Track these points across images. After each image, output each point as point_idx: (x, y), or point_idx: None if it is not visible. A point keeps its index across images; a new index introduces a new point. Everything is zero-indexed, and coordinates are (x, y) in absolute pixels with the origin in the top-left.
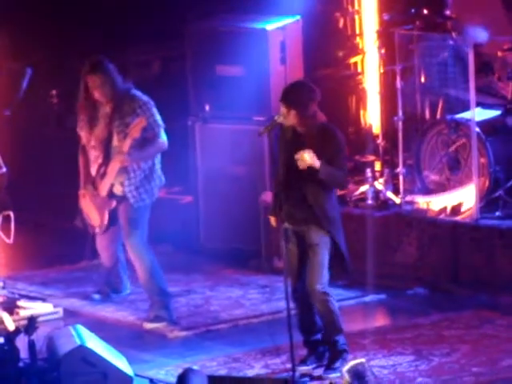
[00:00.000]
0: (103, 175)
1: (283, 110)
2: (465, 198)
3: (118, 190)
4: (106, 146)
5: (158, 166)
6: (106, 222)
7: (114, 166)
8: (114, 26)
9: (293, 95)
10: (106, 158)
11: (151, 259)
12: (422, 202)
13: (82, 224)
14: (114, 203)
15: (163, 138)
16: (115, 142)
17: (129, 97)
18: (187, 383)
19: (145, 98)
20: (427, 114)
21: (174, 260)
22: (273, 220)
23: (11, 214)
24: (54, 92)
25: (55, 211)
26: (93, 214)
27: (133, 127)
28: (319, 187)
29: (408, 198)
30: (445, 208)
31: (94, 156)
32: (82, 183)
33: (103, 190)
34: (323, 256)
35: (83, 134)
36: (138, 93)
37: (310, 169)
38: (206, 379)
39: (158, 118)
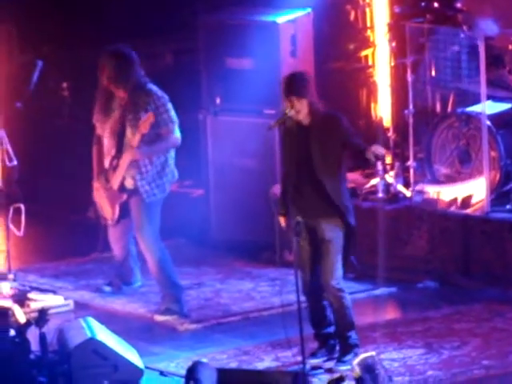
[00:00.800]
0: (115, 168)
1: (294, 100)
2: (475, 190)
3: (129, 183)
4: (119, 139)
5: (171, 161)
6: (116, 214)
7: (125, 160)
8: (125, 17)
9: (297, 84)
10: (119, 151)
11: (162, 252)
12: (432, 191)
13: (95, 215)
14: (124, 196)
15: (177, 133)
16: (128, 135)
17: (144, 91)
18: (196, 376)
19: (160, 93)
20: (438, 108)
21: (185, 253)
22: (283, 220)
23: (22, 206)
24: (64, 84)
25: (66, 203)
26: (105, 206)
27: (142, 123)
28: (335, 180)
29: (418, 188)
30: (455, 199)
31: (107, 148)
32: (95, 175)
33: (115, 183)
34: (337, 251)
35: (98, 124)
36: (155, 87)
37: (325, 162)
38: (215, 372)
39: (173, 113)
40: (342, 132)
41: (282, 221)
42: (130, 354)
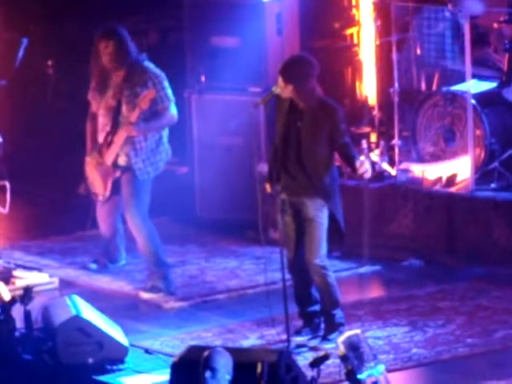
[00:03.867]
0: (110, 144)
1: (281, 82)
2: (460, 169)
3: (122, 160)
4: (115, 115)
5: (165, 139)
6: (108, 190)
7: (121, 136)
8: None
9: (292, 70)
10: (114, 127)
11: (150, 230)
12: (417, 170)
13: (86, 191)
14: (118, 173)
15: (173, 111)
16: (124, 111)
17: (141, 68)
18: (212, 365)
19: (157, 70)
20: (423, 86)
21: (170, 231)
22: (268, 187)
23: (7, 184)
24: (49, 62)
25: (51, 181)
26: (97, 181)
27: (142, 98)
28: (319, 159)
29: (402, 166)
30: (440, 178)
31: (102, 124)
32: (88, 150)
33: (108, 158)
34: (320, 229)
35: (93, 101)
36: (151, 65)
37: (310, 141)
38: (231, 360)
39: (169, 91)
40: (333, 122)
41: (268, 187)
42: (115, 332)
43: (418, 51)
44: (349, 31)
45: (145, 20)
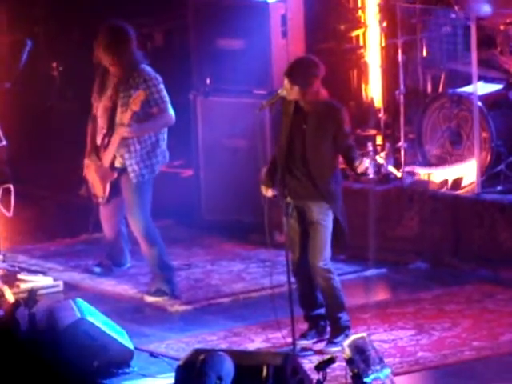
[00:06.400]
0: (107, 146)
1: (286, 84)
2: (466, 172)
3: (119, 162)
4: (111, 117)
5: (162, 143)
6: (107, 192)
7: (116, 138)
8: None
9: (297, 71)
10: (110, 129)
11: (153, 233)
12: (422, 173)
13: (87, 194)
14: (115, 175)
15: (170, 112)
16: (119, 113)
17: (137, 70)
18: (220, 373)
19: (152, 73)
20: (429, 88)
21: (175, 234)
22: (264, 189)
23: (11, 187)
24: (54, 65)
25: (56, 184)
26: (96, 183)
27: (132, 100)
28: (324, 162)
29: (408, 169)
30: (446, 181)
31: (100, 126)
32: (87, 153)
33: (106, 160)
34: (325, 232)
35: (94, 103)
36: (148, 68)
37: (315, 143)
38: (232, 364)
39: (165, 94)
40: (337, 125)
41: (264, 190)
42: (120, 335)
43: (424, 53)
44: (354, 33)
45: (150, 22)
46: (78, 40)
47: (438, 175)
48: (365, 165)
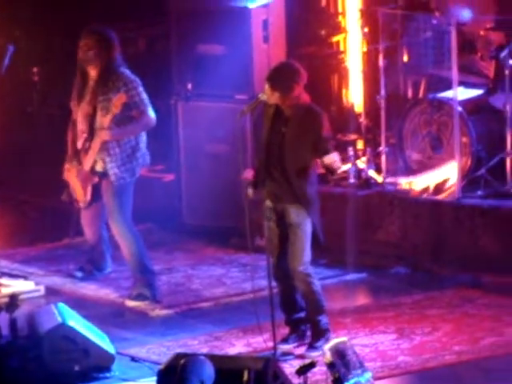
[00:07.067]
0: (87, 150)
1: (267, 88)
2: (447, 176)
3: (99, 166)
4: (91, 121)
5: (142, 145)
6: (89, 197)
7: (96, 142)
8: (98, 2)
9: (278, 77)
10: (91, 133)
11: (135, 237)
12: (404, 183)
13: (69, 198)
14: (96, 179)
15: (150, 114)
16: (99, 117)
17: (116, 74)
18: (202, 377)
19: (132, 76)
20: (410, 93)
21: (156, 238)
22: (251, 192)
23: None
24: (35, 69)
25: (37, 189)
26: (77, 188)
27: (113, 103)
28: (301, 165)
29: (390, 180)
30: (427, 188)
31: (80, 131)
32: (68, 157)
33: (86, 165)
34: (304, 236)
35: (73, 108)
36: (127, 71)
37: (293, 147)
38: (212, 368)
39: (145, 96)
40: (316, 129)
41: (250, 192)
42: (101, 340)
43: (405, 58)
44: (335, 38)
45: (132, 28)
46: (59, 45)
47: (418, 183)
48: (332, 158)
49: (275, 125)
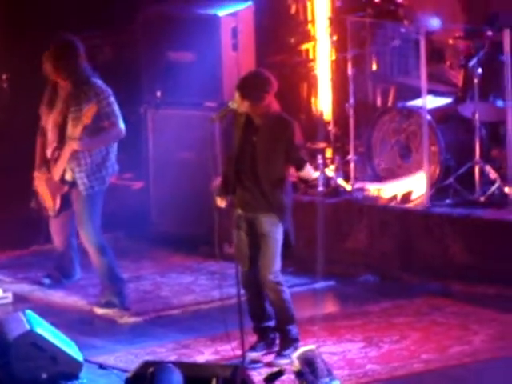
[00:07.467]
0: (57, 159)
1: (237, 97)
2: (415, 185)
3: (69, 175)
4: (61, 131)
5: (112, 155)
6: (58, 205)
7: (66, 151)
8: (66, 9)
9: (248, 86)
10: (61, 143)
11: (104, 245)
12: (372, 189)
13: (38, 206)
14: (65, 188)
15: (121, 125)
16: (69, 127)
17: (87, 84)
18: (165, 380)
19: (103, 86)
20: (379, 102)
21: (125, 246)
22: (219, 200)
23: None
24: (4, 76)
25: (6, 196)
26: (46, 196)
27: (84, 113)
28: (274, 174)
29: (358, 185)
30: (395, 196)
31: (50, 139)
32: (37, 165)
33: (56, 174)
34: (275, 245)
35: (43, 116)
36: (98, 81)
37: (265, 156)
38: (181, 376)
39: (116, 107)
40: (288, 138)
41: (219, 201)
42: (69, 347)
43: (374, 67)
44: (304, 46)
45: (100, 35)
46: (28, 52)
47: (387, 190)
48: (307, 171)
49: (246, 134)
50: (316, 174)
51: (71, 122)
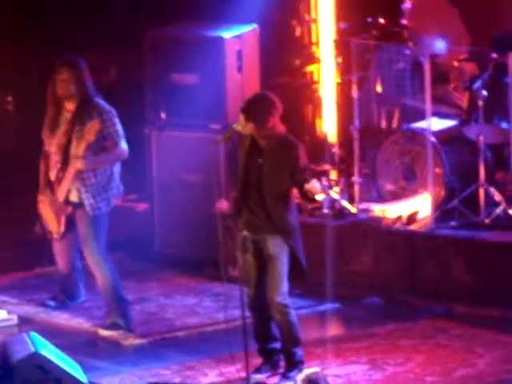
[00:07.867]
0: (61, 180)
1: (242, 119)
2: (420, 207)
3: (74, 196)
4: (65, 152)
5: (116, 176)
6: (63, 227)
7: (70, 171)
8: (71, 30)
9: (252, 108)
10: (65, 164)
11: (109, 266)
12: (377, 210)
13: (42, 231)
14: (70, 209)
15: (124, 146)
16: (73, 147)
17: (91, 105)
18: None
19: (107, 106)
20: (383, 124)
21: (129, 267)
22: (235, 221)
23: None
24: (9, 98)
25: (10, 218)
26: (50, 219)
27: (87, 130)
28: (280, 196)
29: (363, 206)
30: (400, 217)
31: (54, 161)
32: (40, 188)
33: (60, 195)
34: (282, 267)
35: (45, 139)
36: (102, 101)
37: (271, 178)
38: None
39: (119, 128)
40: (293, 160)
41: (235, 221)
42: (74, 369)
43: (379, 89)
44: (309, 68)
45: (105, 56)
46: (33, 73)
47: (392, 211)
48: (312, 184)
49: (252, 156)
50: (321, 196)
51: (75, 141)
